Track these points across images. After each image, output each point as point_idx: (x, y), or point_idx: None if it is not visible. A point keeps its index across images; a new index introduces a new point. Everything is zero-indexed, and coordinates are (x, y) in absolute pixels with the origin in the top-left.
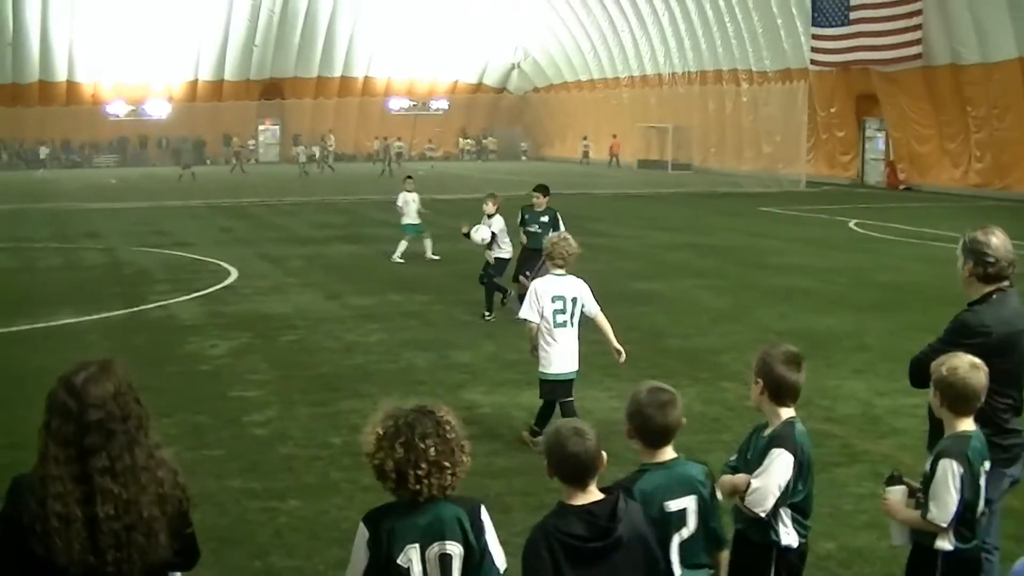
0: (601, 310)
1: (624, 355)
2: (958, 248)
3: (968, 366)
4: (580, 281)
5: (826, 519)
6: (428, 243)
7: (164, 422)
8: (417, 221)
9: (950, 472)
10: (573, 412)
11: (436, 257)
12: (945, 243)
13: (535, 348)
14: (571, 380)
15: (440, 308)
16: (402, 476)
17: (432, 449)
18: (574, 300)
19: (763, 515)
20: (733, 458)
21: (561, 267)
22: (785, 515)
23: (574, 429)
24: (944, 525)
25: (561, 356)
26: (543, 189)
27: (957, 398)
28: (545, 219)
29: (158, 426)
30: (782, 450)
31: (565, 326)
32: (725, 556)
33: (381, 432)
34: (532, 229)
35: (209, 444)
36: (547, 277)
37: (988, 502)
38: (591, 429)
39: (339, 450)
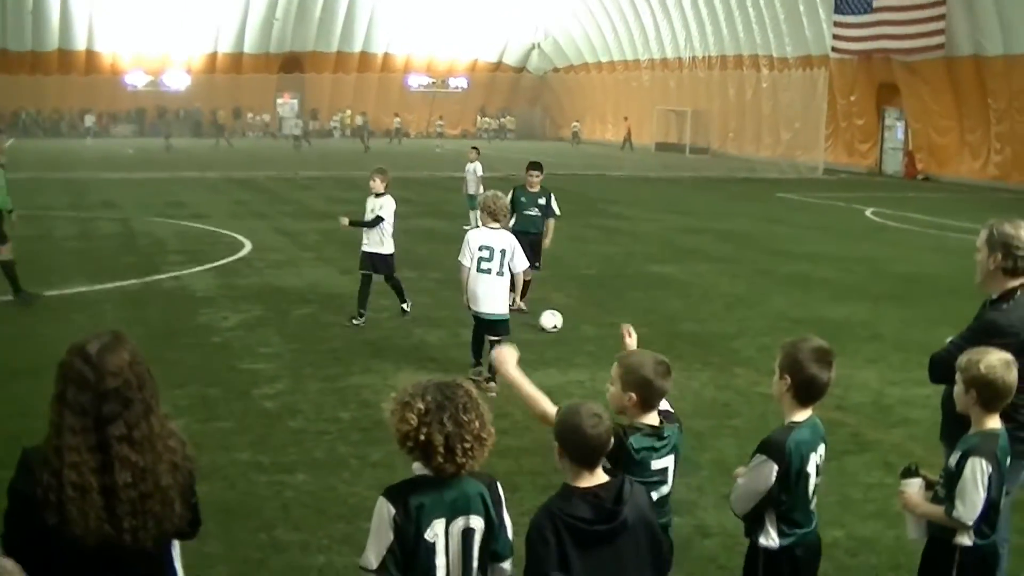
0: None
1: (521, 308)
2: (980, 239)
3: (1004, 364)
4: (512, 237)
5: (834, 507)
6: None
7: (175, 393)
8: (471, 191)
9: (979, 471)
10: None
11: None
12: (962, 234)
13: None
14: (498, 321)
15: (452, 286)
16: (450, 450)
17: (476, 422)
18: (502, 252)
19: (739, 515)
20: None
21: (497, 222)
22: (769, 520)
23: (591, 411)
24: (970, 524)
25: (480, 298)
26: (538, 166)
27: (994, 396)
28: (543, 200)
29: (169, 397)
30: (766, 458)
31: (489, 273)
32: None
33: (423, 407)
34: (530, 213)
35: (219, 416)
36: (482, 229)
37: (1005, 494)
38: (605, 411)
39: (348, 425)
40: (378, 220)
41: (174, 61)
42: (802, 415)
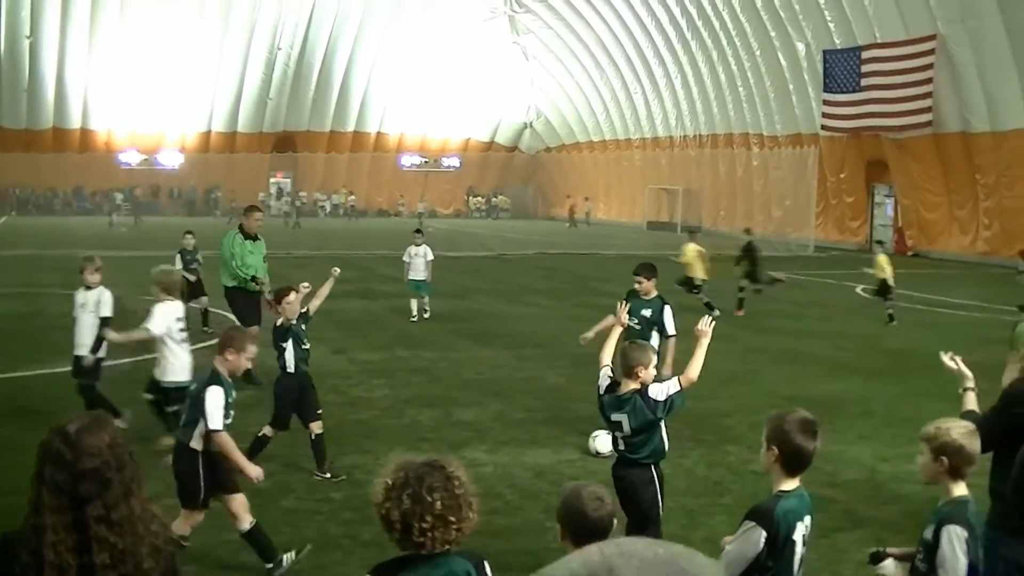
0: None
1: None
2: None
3: (970, 432)
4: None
5: None
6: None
7: (167, 473)
8: (422, 277)
9: (955, 538)
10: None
11: (426, 315)
12: (952, 310)
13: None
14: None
15: (446, 365)
16: (407, 528)
17: (439, 503)
18: (186, 319)
19: None
20: None
21: (171, 296)
22: None
23: (594, 494)
24: None
25: (185, 367)
26: (645, 269)
27: (962, 463)
28: (648, 312)
29: (161, 476)
30: (755, 524)
31: (186, 341)
32: None
33: (390, 482)
34: (631, 323)
35: None
36: (170, 303)
37: None
38: (607, 493)
39: (340, 505)
40: (107, 322)
41: (168, 139)
42: (790, 484)
